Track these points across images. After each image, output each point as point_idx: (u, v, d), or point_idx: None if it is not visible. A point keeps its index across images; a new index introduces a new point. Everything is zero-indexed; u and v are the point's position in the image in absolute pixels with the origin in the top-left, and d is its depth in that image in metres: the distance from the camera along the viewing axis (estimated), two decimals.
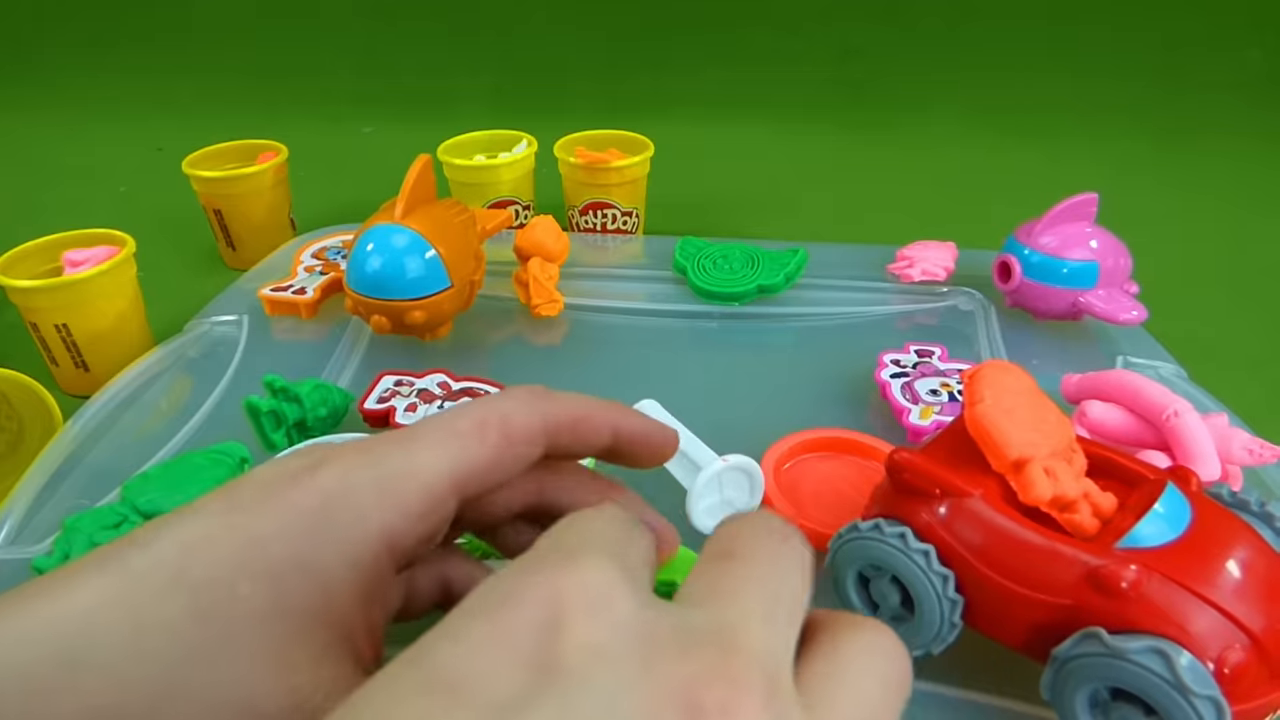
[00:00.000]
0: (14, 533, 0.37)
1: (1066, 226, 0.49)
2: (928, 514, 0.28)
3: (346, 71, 1.06)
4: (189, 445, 0.42)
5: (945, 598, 0.27)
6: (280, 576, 0.17)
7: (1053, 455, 0.28)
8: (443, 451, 0.20)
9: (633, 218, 0.66)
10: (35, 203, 0.81)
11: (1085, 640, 0.24)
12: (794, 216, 0.75)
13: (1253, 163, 0.84)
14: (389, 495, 0.19)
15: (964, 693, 0.29)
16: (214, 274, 0.65)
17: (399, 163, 0.48)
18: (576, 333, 0.53)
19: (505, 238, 0.59)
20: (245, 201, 0.63)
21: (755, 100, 1.00)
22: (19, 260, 0.50)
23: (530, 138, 0.67)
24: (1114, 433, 0.38)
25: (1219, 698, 0.22)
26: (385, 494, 0.19)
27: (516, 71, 1.04)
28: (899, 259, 0.56)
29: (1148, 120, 0.93)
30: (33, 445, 0.43)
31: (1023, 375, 0.31)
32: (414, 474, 0.19)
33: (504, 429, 0.21)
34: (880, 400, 0.44)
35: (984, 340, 0.50)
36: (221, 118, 0.96)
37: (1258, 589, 0.24)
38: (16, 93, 1.06)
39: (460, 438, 0.20)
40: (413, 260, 0.45)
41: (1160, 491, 0.27)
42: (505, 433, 0.21)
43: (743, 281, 0.53)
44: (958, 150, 0.89)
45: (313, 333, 0.52)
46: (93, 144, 0.95)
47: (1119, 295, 0.49)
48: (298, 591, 0.17)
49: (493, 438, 0.20)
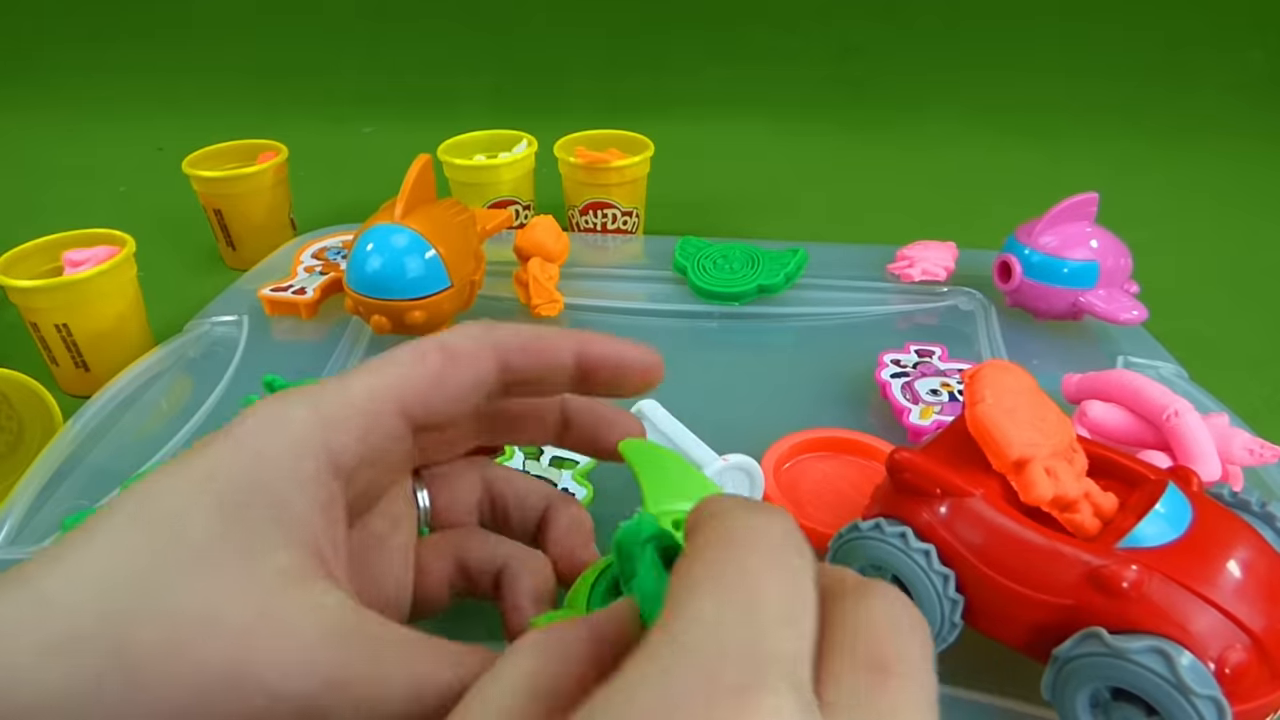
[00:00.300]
0: (14, 532, 0.37)
1: (1067, 226, 0.49)
2: (928, 514, 0.28)
3: (347, 71, 1.06)
4: (189, 445, 0.42)
5: (946, 597, 0.27)
6: (231, 497, 0.18)
7: (1053, 455, 0.28)
8: (379, 375, 0.21)
9: (633, 218, 0.66)
10: (35, 203, 0.81)
11: (1086, 640, 0.24)
12: (794, 216, 0.76)
13: (1253, 163, 0.84)
14: (325, 417, 0.20)
15: (965, 693, 0.29)
16: (214, 274, 0.65)
17: (399, 163, 0.48)
18: None
19: (505, 238, 0.59)
20: (245, 201, 0.63)
21: (755, 99, 1.00)
22: (19, 260, 0.50)
23: (530, 138, 0.67)
24: (1114, 433, 0.38)
25: (1220, 698, 0.22)
26: (322, 417, 0.19)
27: (517, 71, 1.04)
28: (899, 259, 0.56)
29: (1148, 120, 0.93)
30: (33, 445, 0.43)
31: (1023, 375, 0.31)
32: (348, 395, 0.20)
33: (443, 350, 0.21)
34: (880, 400, 0.44)
35: (984, 340, 0.50)
36: (221, 118, 0.96)
37: (1258, 589, 0.24)
38: (16, 93, 1.06)
39: (397, 364, 0.21)
40: (413, 260, 0.45)
41: (1161, 491, 0.27)
42: (446, 353, 0.21)
43: (743, 281, 0.53)
44: (958, 150, 0.89)
45: (313, 333, 0.52)
46: (93, 144, 0.95)
47: (1119, 295, 0.48)
48: (250, 510, 0.18)
49: (432, 358, 0.21)
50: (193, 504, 0.17)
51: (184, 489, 0.18)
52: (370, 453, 0.20)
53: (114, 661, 0.15)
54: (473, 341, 0.22)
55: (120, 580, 0.16)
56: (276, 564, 0.17)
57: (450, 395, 0.21)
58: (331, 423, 0.20)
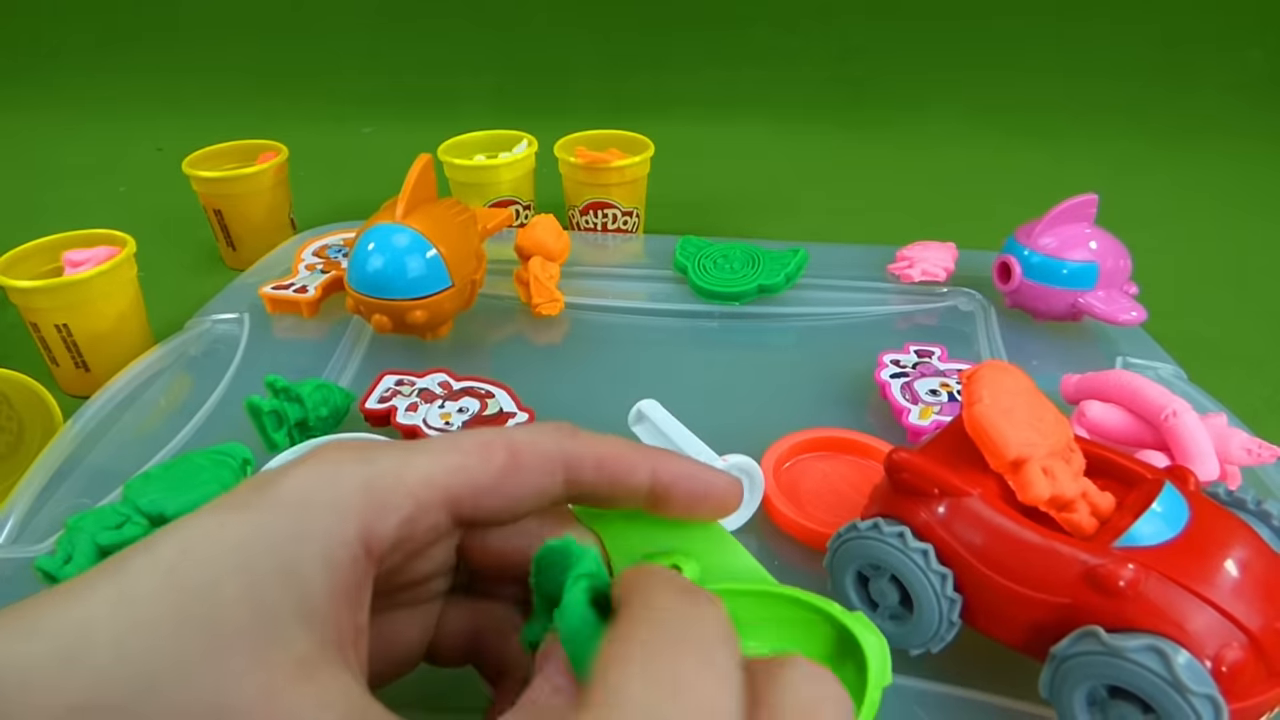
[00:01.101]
0: (15, 532, 0.37)
1: (1066, 227, 0.49)
2: (926, 513, 0.28)
3: (347, 71, 1.07)
4: (190, 444, 0.42)
5: (944, 596, 0.27)
6: (260, 577, 0.17)
7: (1051, 455, 0.28)
8: (439, 461, 0.20)
9: (633, 217, 0.66)
10: (35, 203, 0.81)
11: (1083, 639, 0.25)
12: (794, 216, 0.76)
13: (1253, 163, 0.84)
14: (374, 494, 0.19)
15: (963, 691, 0.29)
16: (214, 274, 0.65)
17: (399, 163, 0.48)
18: (577, 332, 0.53)
19: (506, 237, 0.59)
20: (245, 201, 0.63)
21: (755, 99, 1.00)
22: (19, 260, 0.50)
23: (531, 138, 0.67)
24: (1113, 433, 0.39)
25: (1216, 696, 0.23)
26: (370, 493, 0.19)
27: (517, 71, 1.04)
28: (899, 259, 0.56)
29: (1148, 120, 0.93)
30: (33, 445, 0.43)
31: (1021, 375, 0.31)
32: (403, 476, 0.19)
33: (511, 450, 0.20)
34: (880, 400, 0.44)
35: (984, 341, 0.50)
36: (221, 118, 0.96)
37: (1255, 587, 0.25)
38: (17, 93, 1.07)
39: (462, 453, 0.20)
40: (414, 260, 0.45)
41: (1158, 491, 0.27)
42: (512, 454, 0.20)
43: (743, 281, 0.54)
44: (958, 150, 0.89)
45: (314, 331, 0.52)
46: (93, 144, 0.95)
47: (1118, 296, 0.49)
48: (276, 593, 0.17)
49: (498, 457, 0.20)
50: (224, 579, 0.17)
51: (217, 559, 0.17)
52: (410, 542, 0.20)
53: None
54: (544, 449, 0.20)
55: (142, 649, 0.16)
56: (294, 653, 0.17)
57: (506, 501, 0.20)
58: (380, 506, 0.19)
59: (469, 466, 0.20)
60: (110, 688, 0.15)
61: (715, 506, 0.22)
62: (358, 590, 0.18)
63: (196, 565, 0.17)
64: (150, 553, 0.17)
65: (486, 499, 0.20)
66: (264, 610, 0.17)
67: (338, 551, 0.18)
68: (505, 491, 0.20)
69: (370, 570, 0.19)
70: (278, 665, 0.16)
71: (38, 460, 0.41)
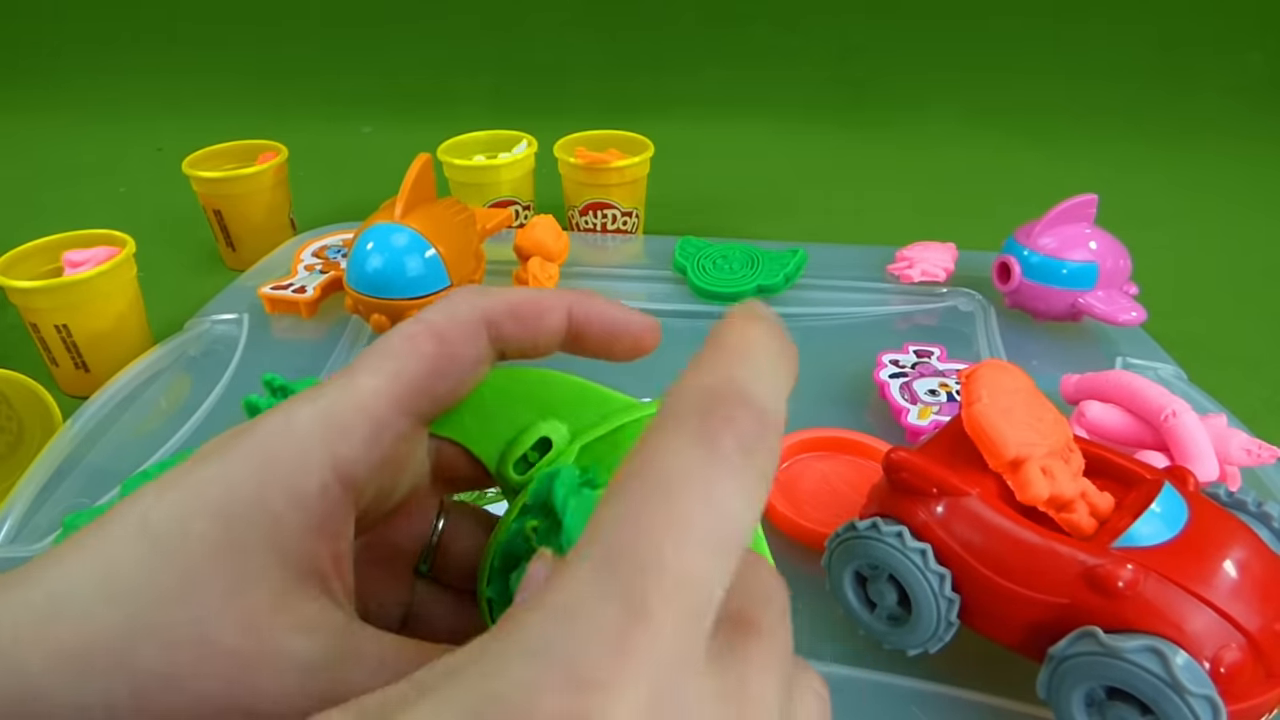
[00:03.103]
0: (14, 531, 0.37)
1: (1066, 228, 0.49)
2: (925, 513, 0.28)
3: (347, 71, 1.07)
4: (189, 444, 0.42)
5: (942, 596, 0.27)
6: (230, 516, 0.17)
7: (1050, 455, 0.28)
8: (378, 371, 0.20)
9: (633, 218, 0.66)
10: (35, 203, 0.81)
11: (1081, 639, 0.24)
12: (794, 216, 0.76)
13: (1253, 165, 0.84)
14: (331, 426, 0.19)
15: (960, 692, 0.29)
16: (214, 274, 0.65)
17: (399, 163, 0.48)
18: None
19: (505, 237, 0.59)
20: (245, 201, 0.63)
21: (755, 100, 1.00)
22: (19, 261, 0.50)
23: (530, 138, 0.67)
24: (1112, 433, 0.39)
25: (1215, 697, 0.23)
26: (328, 425, 0.19)
27: (516, 72, 1.04)
28: (899, 259, 0.56)
29: (1148, 122, 0.93)
30: (33, 445, 0.43)
31: (1020, 375, 0.31)
32: (353, 400, 0.19)
33: (434, 333, 0.20)
34: (879, 400, 0.44)
35: (983, 341, 0.50)
36: (221, 118, 0.96)
37: (1254, 588, 0.25)
38: (17, 93, 1.07)
39: (396, 357, 0.20)
40: (413, 259, 0.45)
41: (1157, 491, 0.27)
42: (437, 337, 0.20)
43: (742, 281, 0.54)
44: (958, 150, 0.89)
45: (313, 331, 0.52)
46: (93, 144, 0.95)
47: (1118, 296, 0.49)
48: (247, 529, 0.17)
49: (426, 346, 0.20)
50: (191, 519, 0.17)
51: (185, 501, 0.18)
52: (381, 458, 0.20)
53: (121, 682, 0.16)
54: (463, 318, 0.21)
55: (123, 591, 0.16)
56: (270, 585, 0.17)
57: (454, 382, 0.21)
58: (338, 431, 0.19)
59: (407, 367, 0.20)
60: (98, 629, 0.16)
61: (632, 343, 0.23)
62: (331, 519, 0.19)
63: (168, 511, 0.17)
64: (127, 506, 0.18)
65: (433, 387, 0.20)
66: (235, 547, 0.17)
67: (303, 482, 0.18)
68: (446, 372, 0.21)
69: (345, 497, 0.19)
70: (254, 598, 0.17)
71: (37, 460, 0.41)
